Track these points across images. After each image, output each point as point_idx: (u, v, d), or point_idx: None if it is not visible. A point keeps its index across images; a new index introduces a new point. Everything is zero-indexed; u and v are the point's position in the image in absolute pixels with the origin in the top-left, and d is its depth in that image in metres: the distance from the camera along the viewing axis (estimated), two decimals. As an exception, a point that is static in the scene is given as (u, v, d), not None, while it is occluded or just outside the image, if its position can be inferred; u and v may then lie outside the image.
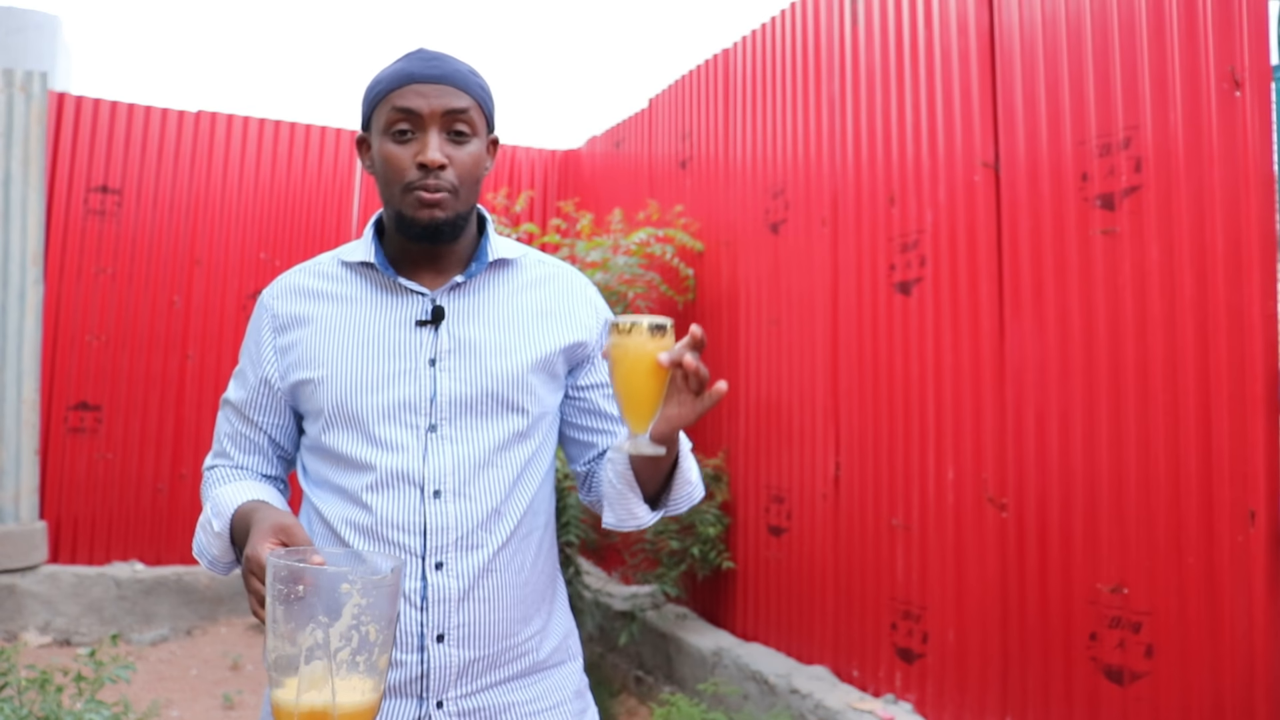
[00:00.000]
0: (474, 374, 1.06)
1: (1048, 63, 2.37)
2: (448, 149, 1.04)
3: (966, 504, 2.54)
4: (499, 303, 1.10)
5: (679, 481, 1.06)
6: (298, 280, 1.13)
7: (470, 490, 1.04)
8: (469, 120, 1.05)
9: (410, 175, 1.03)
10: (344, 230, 4.84)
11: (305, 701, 0.76)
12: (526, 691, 1.08)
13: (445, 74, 1.04)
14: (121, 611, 4.15)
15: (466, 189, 1.06)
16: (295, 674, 0.76)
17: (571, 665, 1.16)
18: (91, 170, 4.39)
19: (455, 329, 1.07)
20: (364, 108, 1.09)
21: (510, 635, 1.06)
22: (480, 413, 1.05)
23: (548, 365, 1.10)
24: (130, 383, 4.40)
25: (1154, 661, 2.04)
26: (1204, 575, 1.96)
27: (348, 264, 1.11)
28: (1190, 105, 2.02)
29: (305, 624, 0.75)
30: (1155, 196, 2.09)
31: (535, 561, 1.10)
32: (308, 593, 0.75)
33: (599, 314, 1.17)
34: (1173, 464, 2.03)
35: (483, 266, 1.10)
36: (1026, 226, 2.40)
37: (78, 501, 4.31)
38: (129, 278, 4.42)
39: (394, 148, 1.04)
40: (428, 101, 1.02)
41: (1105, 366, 2.18)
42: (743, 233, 3.56)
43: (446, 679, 1.03)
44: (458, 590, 1.02)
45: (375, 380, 1.05)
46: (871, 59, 2.98)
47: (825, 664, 3.02)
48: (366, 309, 1.08)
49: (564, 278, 1.17)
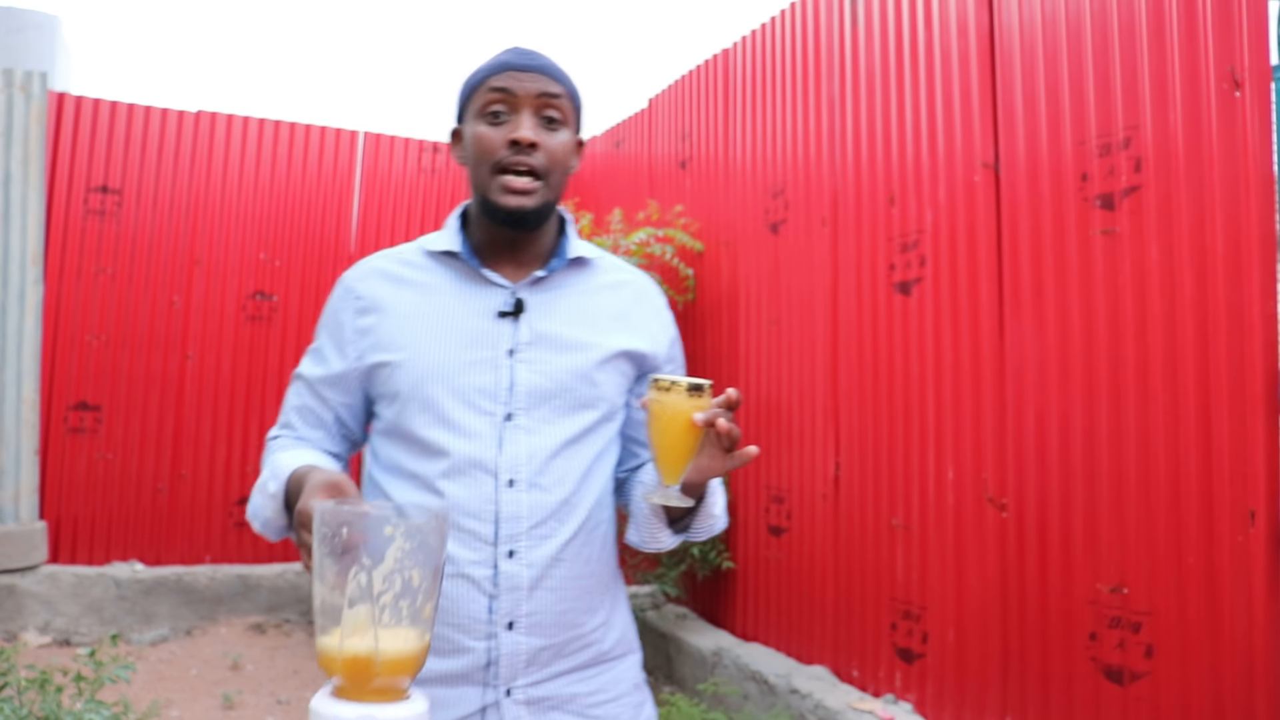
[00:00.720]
0: (550, 367, 1.08)
1: (1048, 63, 2.37)
2: (540, 133, 1.06)
3: (966, 504, 2.54)
4: (576, 300, 1.13)
5: (703, 514, 1.09)
6: (382, 264, 1.15)
7: (543, 480, 1.06)
8: (561, 107, 1.08)
9: (501, 153, 1.05)
10: (344, 230, 4.84)
11: (348, 647, 0.77)
12: (590, 683, 1.11)
13: (541, 64, 1.08)
14: (121, 611, 4.14)
15: (555, 178, 1.08)
16: (339, 621, 0.77)
17: (632, 658, 1.18)
18: (91, 170, 4.38)
19: (534, 322, 1.09)
20: (459, 99, 1.11)
21: (577, 625, 1.08)
22: (554, 405, 1.08)
23: (617, 365, 1.13)
24: (130, 383, 4.40)
25: (1154, 661, 2.04)
26: (1204, 575, 1.96)
27: (431, 253, 1.13)
28: (1190, 105, 2.02)
29: (349, 568, 0.77)
30: (1155, 196, 2.08)
31: (601, 554, 1.12)
32: (352, 537, 0.77)
33: (666, 329, 1.20)
34: (1173, 464, 2.02)
35: (563, 263, 1.12)
36: (1026, 226, 2.40)
37: (77, 501, 4.31)
38: (129, 278, 4.42)
39: (486, 128, 1.06)
40: (523, 84, 1.05)
41: (1105, 366, 2.18)
42: (743, 233, 3.56)
43: (515, 666, 1.04)
44: (528, 578, 1.04)
45: (455, 366, 1.07)
46: (871, 59, 2.97)
47: (825, 664, 3.02)
48: (449, 297, 1.10)
49: (638, 285, 1.20)
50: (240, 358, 4.59)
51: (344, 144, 4.86)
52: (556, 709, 1.07)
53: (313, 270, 4.76)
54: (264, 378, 4.64)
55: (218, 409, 4.54)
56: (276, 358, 4.67)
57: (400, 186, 4.96)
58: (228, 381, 4.56)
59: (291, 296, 4.70)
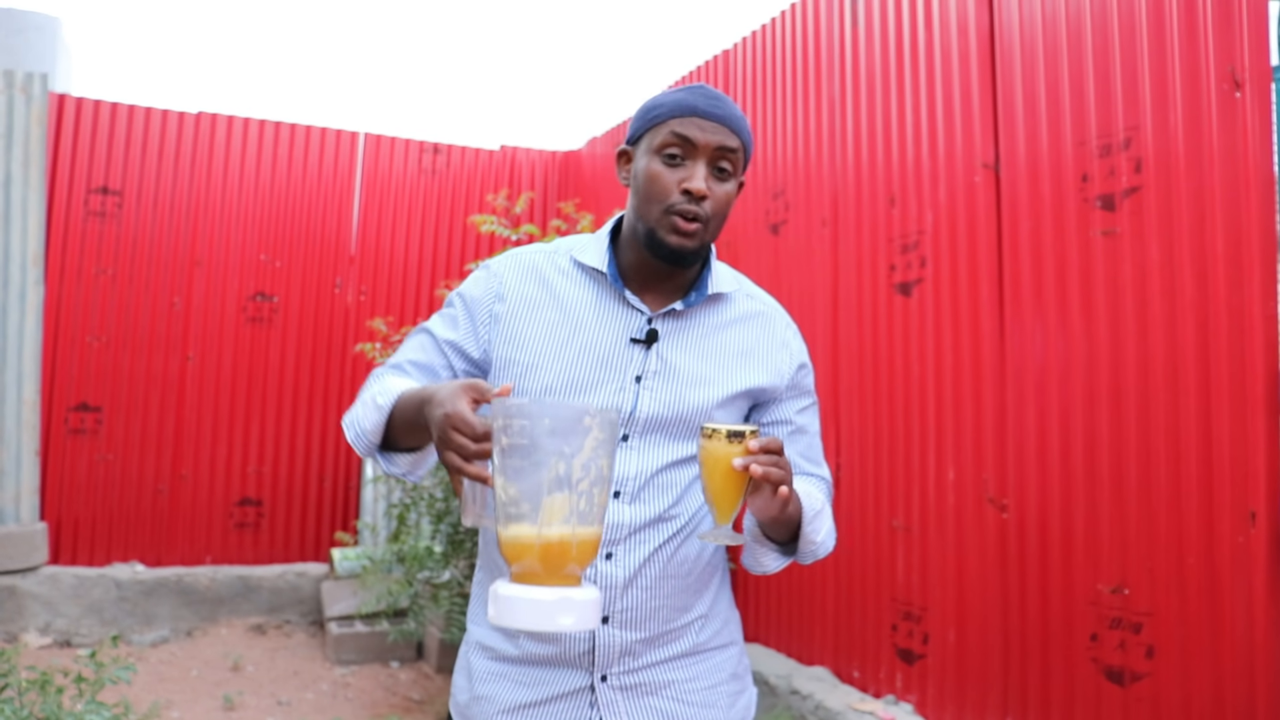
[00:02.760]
0: (671, 398, 1.13)
1: (1048, 63, 2.37)
2: (710, 182, 1.10)
3: (967, 505, 2.54)
4: (706, 334, 1.17)
5: (803, 541, 1.13)
6: (534, 260, 1.19)
7: (645, 494, 1.12)
8: (734, 161, 1.12)
9: (673, 198, 1.09)
10: (345, 232, 4.84)
11: (547, 533, 0.81)
12: (686, 671, 1.16)
13: (725, 116, 1.11)
14: (122, 613, 4.14)
15: (716, 222, 1.12)
16: (536, 509, 0.81)
17: (732, 649, 1.23)
18: (92, 171, 4.38)
19: (664, 352, 1.14)
20: (637, 124, 1.15)
21: (670, 621, 1.15)
22: (668, 432, 1.13)
23: (736, 403, 1.17)
24: (131, 384, 4.40)
25: (1155, 662, 2.04)
26: (1205, 576, 1.96)
27: (580, 265, 1.18)
28: (1190, 106, 2.02)
29: (550, 457, 0.80)
30: (1155, 197, 2.08)
31: (699, 558, 1.17)
32: (553, 428, 0.80)
33: (794, 358, 1.23)
34: (1173, 464, 2.03)
35: (701, 298, 1.17)
36: (1027, 227, 2.40)
37: (78, 502, 4.31)
38: (129, 279, 4.42)
39: (662, 168, 1.10)
40: (705, 135, 1.09)
41: (1106, 367, 2.18)
42: (743, 233, 3.56)
43: (610, 655, 1.12)
44: (623, 578, 1.11)
45: (584, 383, 1.12)
46: (871, 60, 2.97)
47: (826, 665, 3.02)
48: (589, 313, 1.15)
49: (768, 317, 1.23)
50: (241, 359, 4.59)
51: (344, 145, 4.85)
52: (651, 694, 1.14)
53: (313, 271, 4.75)
54: (264, 379, 4.64)
55: (218, 410, 4.54)
56: (277, 359, 4.66)
57: (401, 187, 4.95)
58: (228, 382, 4.56)
59: (292, 297, 4.70)
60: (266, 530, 4.63)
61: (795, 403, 1.22)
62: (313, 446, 4.72)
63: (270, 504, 4.64)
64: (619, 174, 1.18)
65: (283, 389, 4.67)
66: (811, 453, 1.25)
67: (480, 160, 5.11)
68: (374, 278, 4.87)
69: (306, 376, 4.71)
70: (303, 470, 4.71)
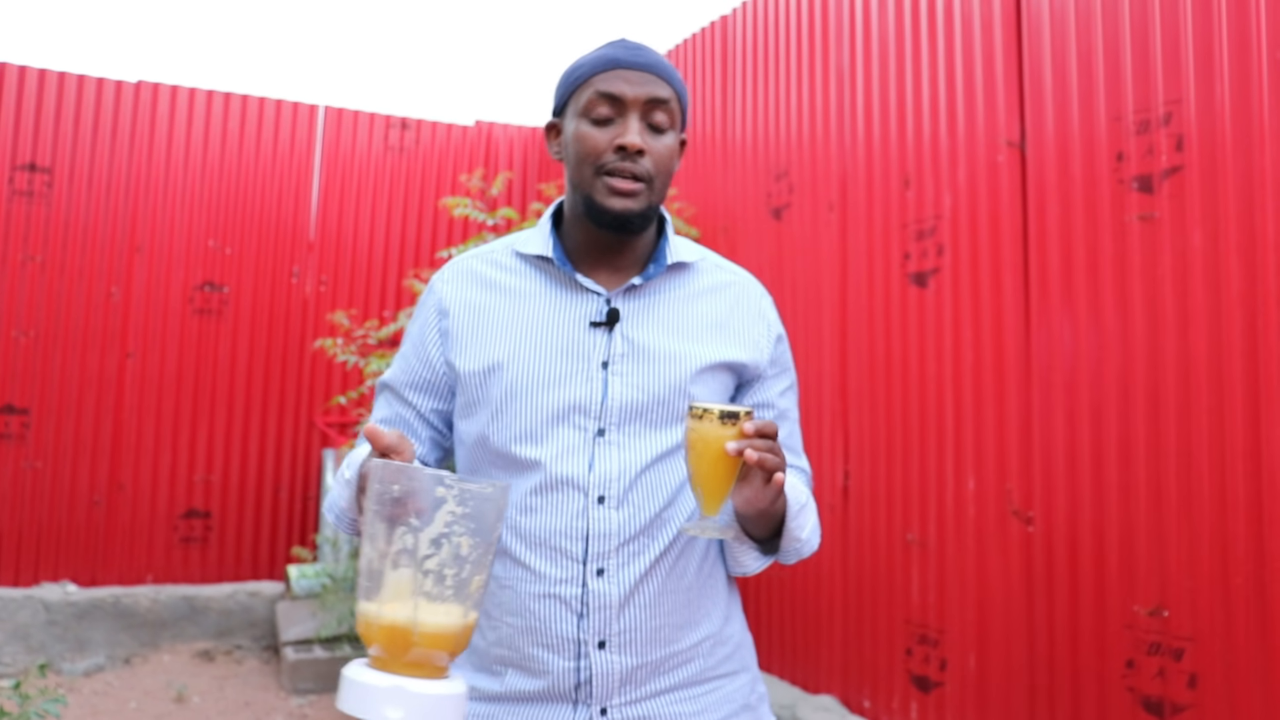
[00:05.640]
0: (644, 380, 1.13)
1: (1080, 30, 2.36)
2: (646, 138, 1.11)
3: (989, 517, 2.54)
4: (673, 308, 1.18)
5: (787, 537, 1.12)
6: (472, 266, 1.21)
7: (633, 497, 1.11)
8: (669, 111, 1.13)
9: (606, 158, 1.10)
10: (303, 214, 4.81)
11: (387, 614, 0.80)
12: (693, 703, 1.14)
13: (650, 63, 1.12)
14: (51, 638, 4.10)
15: (660, 181, 1.13)
16: (381, 586, 0.81)
17: (744, 676, 1.21)
18: (17, 146, 4.33)
19: (629, 332, 1.14)
20: (560, 92, 1.17)
21: (674, 642, 1.13)
22: (647, 420, 1.12)
23: (715, 376, 1.17)
24: (63, 384, 4.36)
25: (1198, 692, 2.03)
26: (1253, 597, 1.95)
27: (523, 256, 1.19)
28: (1238, 77, 2.01)
29: (396, 526, 0.80)
30: (1199, 178, 2.08)
31: (700, 568, 1.16)
32: (402, 494, 0.80)
33: (771, 329, 1.23)
34: (1217, 474, 2.02)
35: (660, 269, 1.17)
36: (1055, 211, 2.40)
37: (2, 516, 4.26)
38: (61, 266, 4.38)
39: (591, 129, 1.11)
40: (632, 88, 1.10)
41: (1142, 366, 2.17)
42: (742, 218, 3.56)
43: (609, 686, 1.09)
44: (618, 597, 1.09)
45: (548, 378, 1.12)
46: (884, 26, 2.97)
47: (833, 693, 3.02)
48: (541, 304, 1.15)
49: (740, 287, 1.24)
50: (187, 355, 4.56)
51: (302, 119, 4.83)
52: None
53: (267, 258, 4.73)
54: (213, 377, 4.61)
55: (162, 412, 4.51)
56: (228, 355, 4.63)
57: (365, 166, 4.94)
58: (173, 381, 4.53)
59: (244, 287, 4.68)
60: (215, 545, 4.60)
61: (777, 383, 1.23)
62: (267, 453, 4.69)
63: (219, 516, 4.61)
64: (550, 149, 1.19)
65: (234, 389, 4.64)
66: (792, 441, 1.24)
67: (453, 137, 5.10)
68: (335, 266, 4.85)
69: (260, 375, 4.69)
70: (256, 479, 4.68)
